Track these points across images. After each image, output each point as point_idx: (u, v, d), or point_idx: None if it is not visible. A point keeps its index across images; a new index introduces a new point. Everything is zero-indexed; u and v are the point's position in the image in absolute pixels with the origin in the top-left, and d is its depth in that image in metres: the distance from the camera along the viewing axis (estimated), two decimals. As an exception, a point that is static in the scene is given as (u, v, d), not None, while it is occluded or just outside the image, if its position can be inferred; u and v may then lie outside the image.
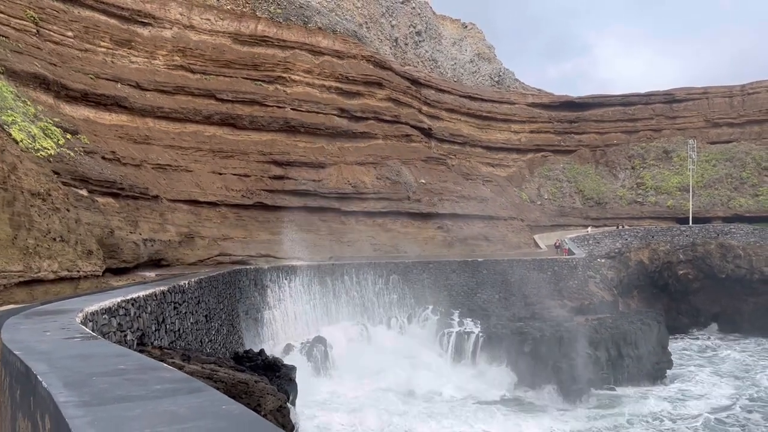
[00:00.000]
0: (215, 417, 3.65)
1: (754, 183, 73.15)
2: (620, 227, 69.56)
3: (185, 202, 42.51)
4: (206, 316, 23.32)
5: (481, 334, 37.07)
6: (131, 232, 32.11)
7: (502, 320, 39.46)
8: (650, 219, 73.29)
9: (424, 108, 73.43)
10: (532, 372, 34.01)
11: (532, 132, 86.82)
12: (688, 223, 69.11)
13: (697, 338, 58.05)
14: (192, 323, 20.87)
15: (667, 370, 40.00)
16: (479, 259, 49.90)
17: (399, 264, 45.34)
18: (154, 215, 36.86)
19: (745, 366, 44.68)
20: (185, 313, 19.98)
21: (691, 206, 71.43)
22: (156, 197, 38.31)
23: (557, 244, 61.49)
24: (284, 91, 55.68)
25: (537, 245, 64.56)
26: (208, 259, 39.51)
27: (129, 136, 43.02)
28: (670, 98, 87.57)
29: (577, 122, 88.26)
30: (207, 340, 22.77)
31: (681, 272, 64.21)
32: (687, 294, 63.59)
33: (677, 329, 58.04)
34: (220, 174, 47.38)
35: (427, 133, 70.16)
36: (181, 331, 19.20)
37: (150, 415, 3.62)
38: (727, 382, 39.40)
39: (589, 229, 69.88)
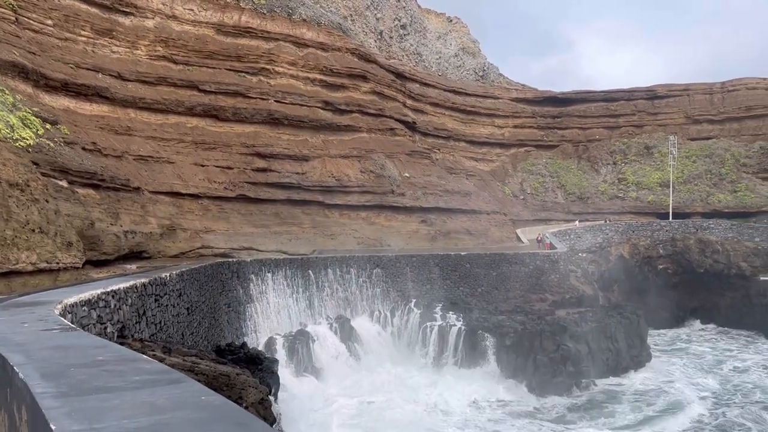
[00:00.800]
0: (195, 407, 3.65)
1: (732, 179, 74.18)
2: (608, 221, 70.29)
3: (167, 194, 42.14)
4: (188, 308, 23.19)
5: (463, 327, 37.26)
6: (112, 224, 31.79)
7: (484, 314, 39.69)
8: (631, 214, 74.06)
9: (409, 102, 73.42)
10: (513, 365, 34.29)
11: (515, 127, 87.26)
12: (668, 219, 69.96)
13: (676, 332, 58.81)
14: (173, 316, 20.75)
15: (646, 363, 40.56)
16: (462, 253, 50.10)
17: (382, 257, 45.38)
18: (135, 207, 36.50)
19: (717, 359, 45.44)
20: (166, 305, 19.85)
21: (671, 202, 72.29)
22: (137, 189, 37.94)
23: (539, 238, 61.92)
24: (268, 82, 55.34)
25: (519, 239, 64.97)
26: (190, 251, 39.25)
27: (110, 127, 42.50)
28: (651, 94, 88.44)
29: (560, 117, 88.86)
30: (188, 332, 22.66)
31: (661, 267, 65.06)
32: (666, 288, 64.41)
33: (656, 323, 58.81)
34: (203, 166, 47.04)
35: (412, 126, 70.19)
36: (163, 323, 19.08)
37: (128, 405, 3.61)
38: (702, 375, 40.05)
39: (577, 222, 70.45)
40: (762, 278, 58.16)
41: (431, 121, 77.84)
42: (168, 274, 20.62)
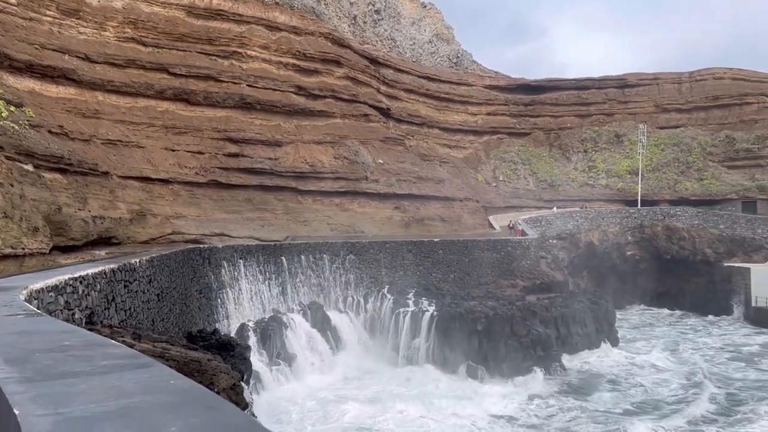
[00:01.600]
0: (164, 392, 3.62)
1: (699, 167, 75.74)
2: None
3: (136, 178, 41.46)
4: (158, 295, 22.93)
5: (435, 313, 37.54)
6: (80, 209, 31.18)
7: (456, 299, 40.02)
8: (601, 201, 75.20)
9: (383, 88, 73.16)
10: (484, 349, 34.71)
11: (488, 114, 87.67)
12: (637, 206, 71.24)
13: (643, 316, 60.07)
14: (143, 302, 20.50)
15: (614, 347, 41.41)
16: (435, 240, 50.37)
17: (356, 244, 45.38)
18: (104, 192, 35.84)
19: (682, 340, 46.64)
20: (136, 291, 19.60)
21: (639, 189, 73.56)
22: (106, 173, 37.24)
23: (511, 225, 62.54)
24: (240, 66, 54.61)
25: (491, 226, 65.54)
26: (161, 237, 38.75)
27: (77, 110, 41.55)
28: (622, 83, 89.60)
29: (533, 105, 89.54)
30: (159, 319, 22.42)
31: (629, 253, 66.37)
32: (634, 274, 65.81)
33: (624, 308, 60.11)
34: (173, 150, 46.34)
35: (386, 113, 70.03)
36: (132, 310, 18.84)
37: (96, 390, 3.56)
38: (668, 356, 41.10)
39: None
40: (726, 264, 59.73)
41: (405, 107, 77.74)
42: (138, 260, 20.33)
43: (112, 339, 9.67)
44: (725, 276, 58.68)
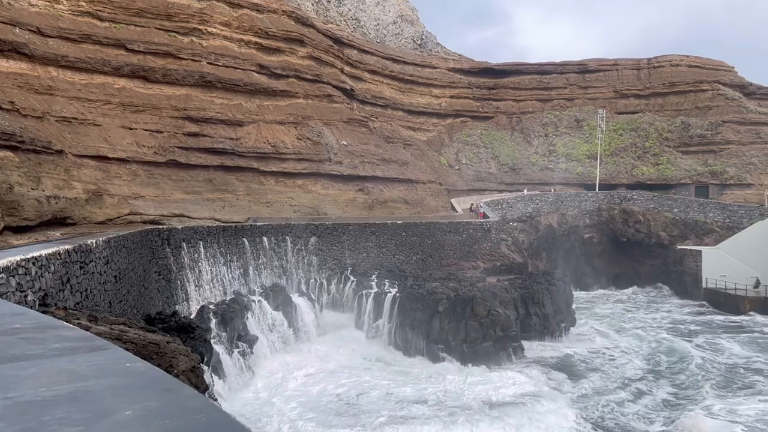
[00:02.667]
0: (119, 374, 3.55)
1: (655, 152, 77.61)
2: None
3: (93, 157, 40.32)
4: (116, 276, 22.47)
5: (398, 294, 37.78)
6: (33, 189, 30.23)
7: (418, 281, 40.34)
8: (560, 185, 76.48)
9: (347, 68, 72.57)
10: (445, 330, 35.14)
11: (452, 97, 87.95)
12: (595, 190, 72.71)
13: (599, 296, 61.59)
14: (100, 284, 20.06)
15: (571, 327, 42.43)
16: (398, 222, 50.55)
17: (319, 226, 45.22)
18: (58, 171, 34.78)
19: (637, 319, 48.15)
20: (93, 273, 19.16)
21: (598, 173, 75.04)
22: (60, 152, 36.11)
23: (473, 207, 63.17)
24: (200, 44, 53.39)
25: (454, 209, 66.09)
26: (118, 218, 37.89)
27: (30, 86, 40.05)
28: (583, 68, 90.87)
29: (496, 89, 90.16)
30: (117, 301, 22.00)
31: (587, 236, 67.87)
32: (591, 256, 67.39)
33: (581, 289, 61.57)
34: (131, 129, 45.17)
35: (350, 94, 69.55)
36: (89, 291, 18.43)
37: (46, 373, 3.48)
38: (624, 334, 42.39)
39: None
40: (679, 247, 61.60)
41: (369, 89, 77.34)
42: (94, 241, 19.85)
43: (67, 321, 9.45)
44: (678, 258, 60.55)
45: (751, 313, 49.00)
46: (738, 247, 55.04)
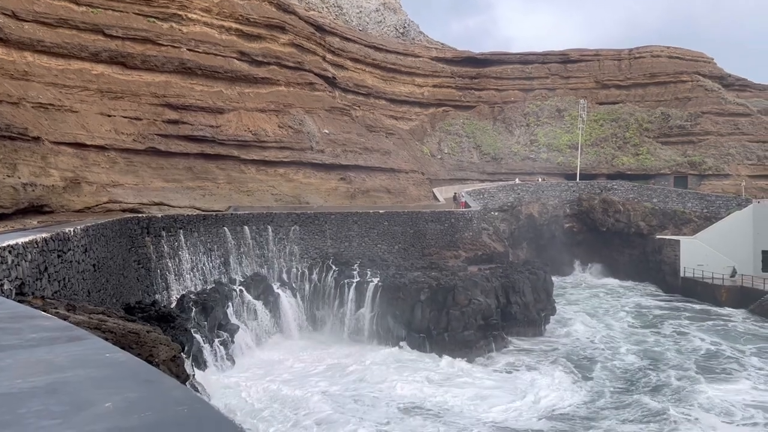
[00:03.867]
0: (97, 365, 3.48)
1: (635, 143, 78.34)
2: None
3: (70, 144, 39.64)
4: (94, 265, 22.18)
5: (380, 283, 37.81)
6: (8, 176, 29.68)
7: (400, 270, 40.39)
8: (541, 174, 76.93)
9: (329, 56, 72.07)
10: (426, 318, 35.27)
11: (434, 86, 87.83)
12: (576, 180, 73.26)
13: (578, 285, 62.22)
14: (78, 273, 19.79)
15: (551, 316, 42.83)
16: (381, 211, 50.48)
17: (301, 215, 45.00)
18: (35, 158, 34.16)
19: (615, 308, 48.79)
20: (71, 262, 18.89)
21: (579, 163, 75.59)
22: (37, 139, 35.45)
23: (457, 197, 63.35)
24: (180, 30, 52.62)
25: (436, 198, 66.19)
26: (97, 206, 37.36)
27: (5, 71, 39.17)
28: (564, 58, 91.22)
29: (478, 78, 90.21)
30: (95, 290, 21.72)
31: (567, 225, 68.43)
32: (571, 246, 68.00)
33: (562, 278, 62.14)
34: (109, 116, 44.46)
35: (332, 82, 69.12)
36: (67, 280, 18.18)
37: (23, 365, 3.39)
38: (602, 321, 42.97)
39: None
40: (657, 237, 62.38)
41: (351, 77, 76.92)
42: (72, 229, 19.55)
43: (44, 311, 9.29)
44: (657, 248, 61.32)
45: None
46: (715, 236, 55.90)
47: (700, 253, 54.92)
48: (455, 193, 64.41)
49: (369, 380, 29.87)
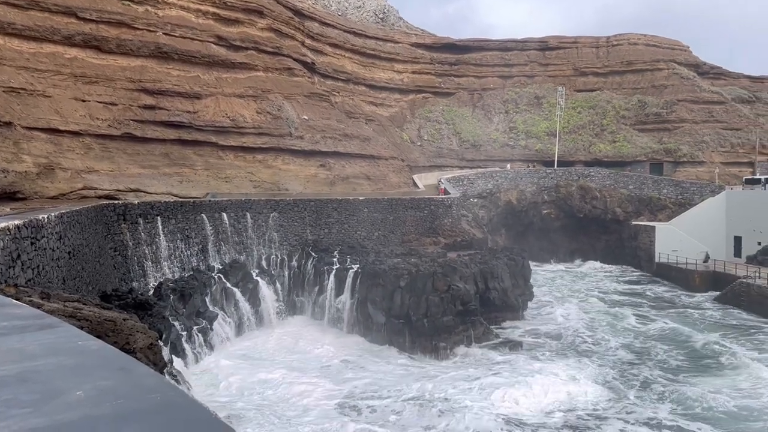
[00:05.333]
0: (70, 353, 3.44)
1: (612, 130, 79.08)
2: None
3: (43, 130, 38.87)
4: (69, 253, 21.87)
5: (359, 270, 37.85)
6: (-21, 162, 29.01)
7: (380, 257, 40.47)
8: (520, 161, 77.40)
9: (308, 41, 71.42)
10: (406, 305, 35.42)
11: (414, 73, 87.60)
12: (554, 167, 73.83)
13: (555, 270, 62.94)
14: (53, 260, 19.51)
15: (529, 302, 43.30)
16: (360, 198, 50.44)
17: (280, 202, 44.78)
18: (6, 144, 33.47)
19: (590, 291, 49.57)
20: (45, 249, 18.61)
21: (557, 150, 76.14)
22: (9, 124, 34.69)
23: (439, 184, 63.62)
24: (156, 13, 51.70)
25: (416, 185, 66.28)
26: (71, 192, 36.75)
27: (-27, 54, 38.23)
28: (543, 45, 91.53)
29: (457, 65, 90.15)
30: (71, 278, 21.45)
31: (545, 212, 69.02)
32: (549, 232, 68.67)
33: (540, 264, 62.80)
34: (84, 101, 43.64)
35: (311, 67, 68.56)
36: (41, 268, 17.92)
37: (-7, 353, 3.34)
38: (576, 303, 43.63)
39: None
40: (633, 223, 63.26)
41: (331, 62, 76.38)
42: (46, 216, 19.24)
43: (17, 299, 9.15)
44: (633, 234, 62.21)
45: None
46: (689, 222, 56.84)
47: (675, 239, 55.83)
48: (439, 180, 64.65)
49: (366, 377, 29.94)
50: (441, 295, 34.74)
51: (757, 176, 61.42)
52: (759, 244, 52.23)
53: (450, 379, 28.80)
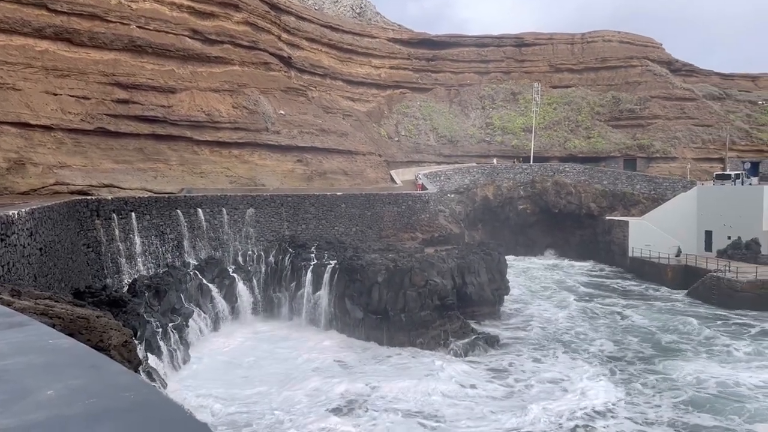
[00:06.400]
0: (40, 352, 3.38)
1: (587, 126, 79.98)
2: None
3: (13, 124, 38.08)
4: (41, 249, 21.48)
5: (337, 266, 37.77)
6: (-54, 157, 28.32)
7: (358, 252, 40.43)
8: (496, 157, 77.89)
9: (284, 35, 70.94)
10: (384, 300, 35.47)
11: (391, 68, 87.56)
12: (530, 162, 74.46)
13: (531, 265, 63.55)
14: (24, 257, 19.15)
15: (505, 296, 43.66)
16: (338, 193, 50.32)
17: (256, 197, 44.46)
18: (-26, 138, 32.71)
19: (566, 281, 50.24)
20: (15, 245, 18.25)
21: (532, 146, 76.77)
22: (-24, 118, 33.92)
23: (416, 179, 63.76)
24: (129, 6, 50.90)
25: (393, 180, 66.33)
26: (43, 188, 36.09)
27: (-61, 46, 37.26)
28: (519, 42, 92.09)
29: (435, 61, 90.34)
30: (42, 275, 21.07)
31: (521, 207, 69.63)
32: (525, 227, 69.30)
33: (516, 258, 63.32)
34: (55, 95, 42.82)
35: (287, 62, 68.12)
36: (12, 265, 17.58)
37: (-40, 352, 3.26)
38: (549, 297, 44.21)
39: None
40: (607, 218, 64.12)
41: (307, 57, 75.98)
42: (16, 212, 18.86)
43: (-14, 297, 8.96)
44: (606, 228, 63.04)
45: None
46: (662, 217, 57.79)
47: (648, 234, 56.72)
48: (416, 176, 64.80)
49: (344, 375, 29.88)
50: (418, 290, 34.86)
51: (728, 172, 62.64)
52: (729, 238, 53.31)
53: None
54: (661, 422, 23.50)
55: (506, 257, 45.24)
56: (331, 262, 38.61)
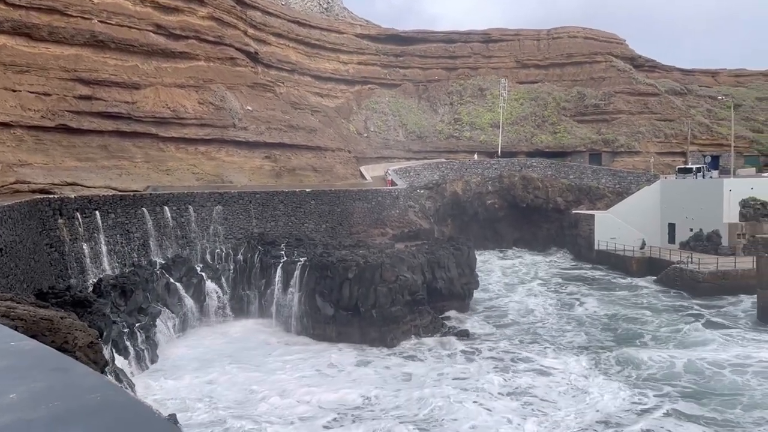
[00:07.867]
0: (1, 355, 3.29)
1: (553, 121, 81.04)
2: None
3: (-30, 121, 36.95)
4: (1, 249, 20.93)
5: (307, 263, 37.61)
6: None
7: (328, 249, 40.31)
8: (465, 153, 78.41)
9: (250, 31, 70.19)
10: (355, 296, 35.47)
11: (359, 63, 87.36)
12: (497, 157, 75.15)
13: (500, 259, 64.24)
14: (-17, 258, 18.62)
15: (474, 290, 44.06)
16: (307, 190, 50.07)
17: (224, 194, 43.96)
18: (-72, 136, 31.63)
19: (538, 274, 50.97)
20: (-27, 247, 17.73)
21: (500, 141, 77.49)
22: (-70, 115, 32.79)
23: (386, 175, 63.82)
24: (90, 0, 49.73)
25: (363, 176, 66.27)
26: (2, 187, 35.07)
27: None
28: (486, 38, 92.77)
29: (403, 56, 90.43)
30: (2, 276, 20.52)
31: (489, 202, 70.27)
32: (493, 221, 69.98)
33: (485, 253, 63.91)
34: (14, 91, 41.64)
35: (254, 57, 67.43)
36: (-30, 267, 17.07)
37: None
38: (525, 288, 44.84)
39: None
40: (574, 212, 65.11)
41: (274, 52, 75.33)
42: (-26, 213, 18.32)
43: (-56, 300, 8.70)
44: (573, 222, 64.03)
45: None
46: (627, 211, 58.96)
47: (613, 227, 57.80)
48: (386, 172, 64.84)
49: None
50: (389, 286, 34.93)
51: (689, 165, 64.18)
52: (691, 230, 54.65)
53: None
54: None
55: (475, 252, 45.61)
56: (301, 259, 38.42)
